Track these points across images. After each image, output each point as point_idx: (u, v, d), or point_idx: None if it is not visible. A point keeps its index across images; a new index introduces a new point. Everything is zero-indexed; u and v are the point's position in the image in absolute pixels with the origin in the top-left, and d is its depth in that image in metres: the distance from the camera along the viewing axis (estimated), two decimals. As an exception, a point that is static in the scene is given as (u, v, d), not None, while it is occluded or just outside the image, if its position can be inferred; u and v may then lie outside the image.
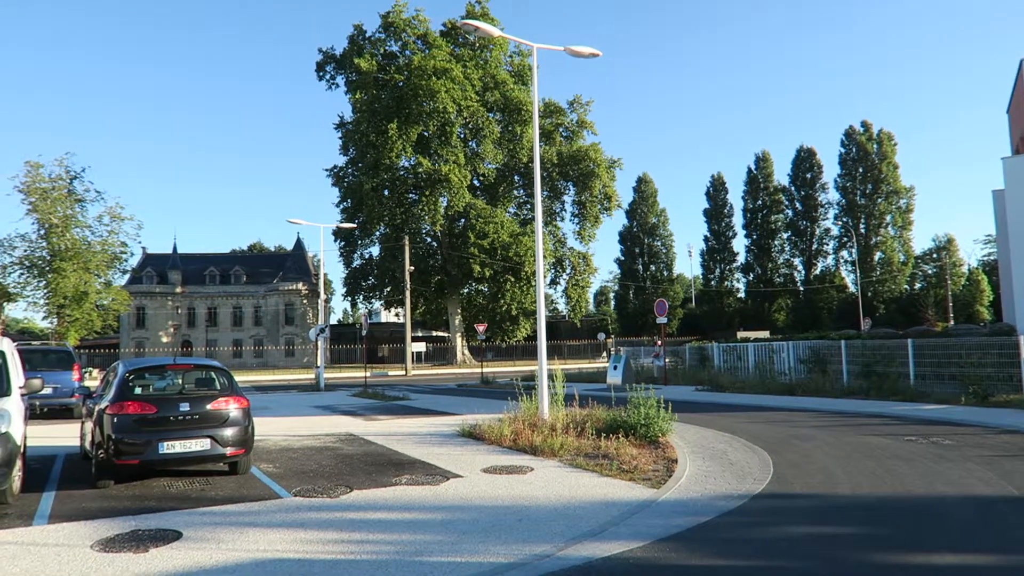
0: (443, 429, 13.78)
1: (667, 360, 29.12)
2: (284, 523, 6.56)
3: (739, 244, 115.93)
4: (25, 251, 50.23)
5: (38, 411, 17.17)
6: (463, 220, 58.19)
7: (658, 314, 26.20)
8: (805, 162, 71.79)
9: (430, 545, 5.75)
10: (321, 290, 38.88)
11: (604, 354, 62.06)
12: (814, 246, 71.75)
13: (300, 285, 75.46)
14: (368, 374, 33.33)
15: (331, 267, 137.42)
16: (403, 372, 47.13)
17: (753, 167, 74.78)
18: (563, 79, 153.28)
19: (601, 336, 63.40)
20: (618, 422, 11.29)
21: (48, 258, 49.80)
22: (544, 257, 53.82)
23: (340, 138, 60.95)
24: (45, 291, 50.31)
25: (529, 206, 65.01)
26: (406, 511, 7.03)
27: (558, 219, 64.18)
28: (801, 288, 71.28)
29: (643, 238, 77.90)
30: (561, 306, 68.57)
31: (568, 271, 62.74)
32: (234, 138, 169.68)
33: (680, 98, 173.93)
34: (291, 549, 5.68)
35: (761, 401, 18.64)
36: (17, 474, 7.61)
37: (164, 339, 72.99)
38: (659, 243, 78.32)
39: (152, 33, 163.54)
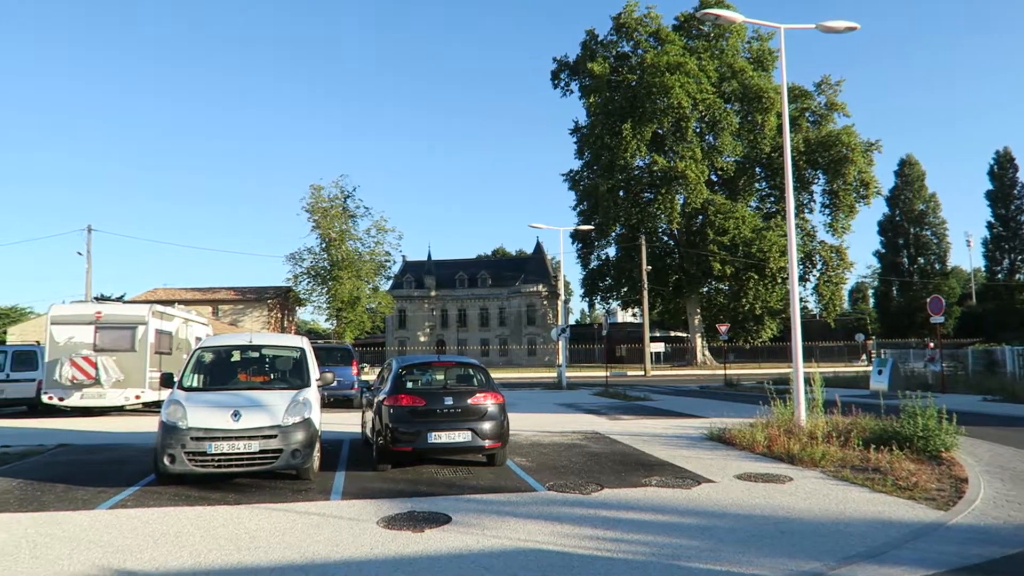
0: (689, 432, 13.44)
1: (944, 365, 25.66)
2: (541, 515, 6.82)
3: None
4: (311, 262, 58.32)
5: (326, 401, 19.70)
6: (701, 217, 56.37)
7: (932, 312, 23.21)
8: None
9: (687, 550, 5.61)
10: (561, 291, 40.08)
11: (863, 357, 56.39)
12: None
13: (540, 287, 78.44)
14: (608, 374, 33.63)
15: (569, 269, 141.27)
16: (642, 372, 46.87)
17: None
18: (808, 60, 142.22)
19: (859, 337, 57.63)
20: (889, 433, 10.16)
21: (328, 268, 57.27)
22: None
23: (575, 143, 62.34)
24: (327, 296, 57.90)
25: (773, 199, 61.18)
26: (659, 513, 6.94)
27: (806, 211, 59.64)
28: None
29: (908, 227, 69.51)
30: (811, 305, 63.65)
31: (819, 267, 57.95)
32: (476, 147, 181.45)
33: (951, 61, 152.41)
34: (549, 541, 5.89)
35: (1074, 415, 15.64)
36: (316, 455, 8.79)
37: (422, 339, 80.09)
38: (928, 232, 69.37)
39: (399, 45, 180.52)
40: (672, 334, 74.25)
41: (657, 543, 5.84)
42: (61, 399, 18.04)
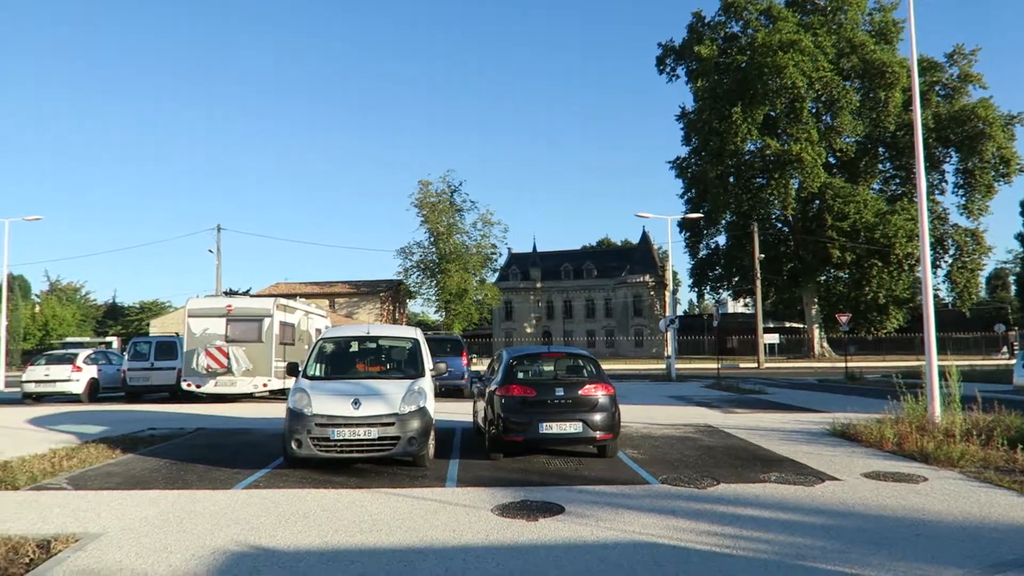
0: (808, 426, 12.85)
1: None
2: (655, 508, 6.72)
3: None
4: (420, 256, 60.04)
5: (437, 391, 20.24)
6: (818, 202, 53.55)
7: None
8: None
9: (812, 550, 5.36)
10: (668, 281, 39.26)
11: (1003, 349, 51.96)
12: None
13: (647, 277, 77.19)
14: (719, 365, 32.69)
15: (677, 258, 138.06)
16: (755, 364, 45.23)
17: None
18: (938, 30, 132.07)
19: (999, 328, 53.09)
20: (1039, 432, 9.32)
21: (437, 261, 58.78)
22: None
23: (682, 129, 60.75)
24: (435, 289, 59.46)
25: (898, 180, 57.30)
26: (780, 511, 6.68)
27: (936, 192, 55.48)
28: None
29: (1056, 207, 63.25)
30: (943, 293, 59.22)
31: (952, 252, 53.79)
32: (579, 138, 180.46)
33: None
34: (664, 535, 5.79)
35: None
36: (431, 443, 9.05)
37: (528, 330, 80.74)
38: (1082, 212, 62.90)
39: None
40: (787, 325, 71.15)
41: (779, 541, 5.62)
42: (198, 386, 19.48)
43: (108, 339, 42.62)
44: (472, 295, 60.04)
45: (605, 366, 10.97)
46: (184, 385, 19.79)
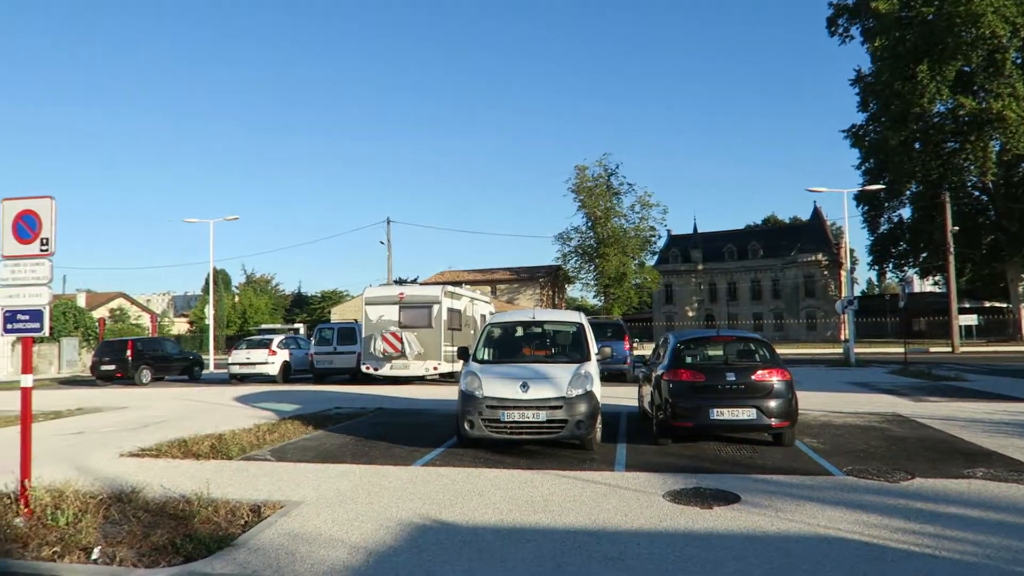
0: (1019, 418, 11.46)
1: None
2: (841, 502, 6.30)
3: None
4: (578, 241, 60.23)
5: (601, 375, 20.25)
6: (1024, 165, 47.30)
7: None
8: None
9: (1032, 556, 4.79)
10: (846, 259, 36.57)
11: None
12: None
13: (819, 256, 72.36)
14: (905, 350, 29.98)
15: (854, 235, 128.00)
16: (948, 349, 40.98)
17: None
18: None
19: None
20: None
21: (595, 246, 58.69)
22: None
23: (857, 94, 55.84)
24: (594, 273, 59.44)
25: None
26: (988, 510, 6.01)
27: None
28: None
29: None
30: None
31: None
32: (740, 112, 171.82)
33: None
34: (853, 530, 5.41)
35: None
36: (598, 427, 9.07)
37: (690, 313, 78.52)
38: None
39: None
40: (986, 304, 63.78)
41: (989, 544, 5.06)
42: (375, 369, 20.87)
43: (296, 326, 46.77)
44: (631, 279, 59.38)
45: (776, 350, 10.41)
46: (363, 368, 21.28)
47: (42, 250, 6.30)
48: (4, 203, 6.37)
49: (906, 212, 56.28)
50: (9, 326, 6.38)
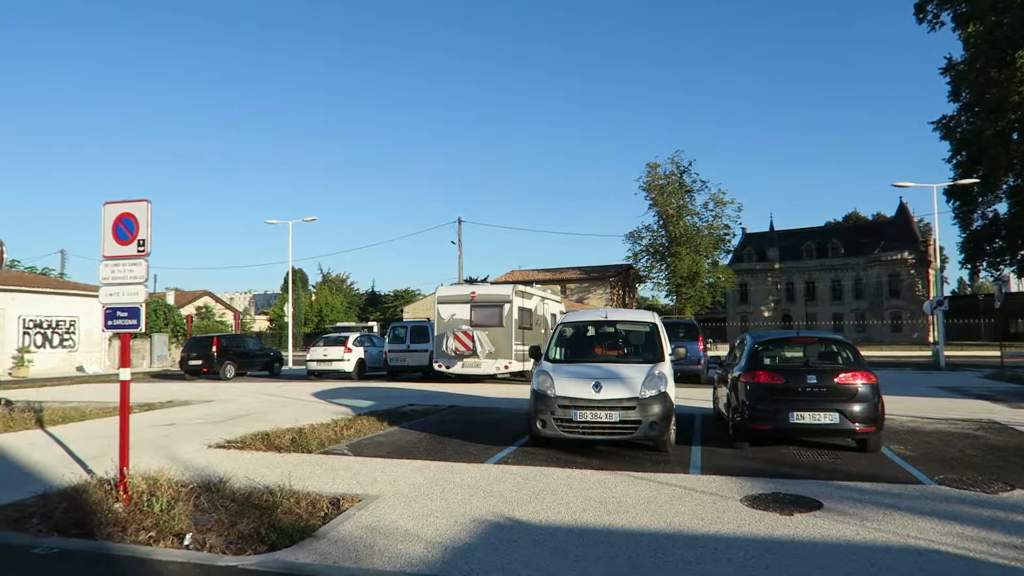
0: None
1: None
2: (932, 512, 6.00)
3: None
4: (649, 240, 59.39)
5: (674, 376, 19.92)
6: None
7: None
8: None
9: None
10: (935, 258, 34.79)
11: None
12: None
13: (905, 254, 69.17)
14: (1002, 353, 28.30)
15: (943, 232, 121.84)
16: (1049, 353, 38.50)
17: None
18: None
19: None
20: None
21: (667, 244, 57.75)
22: None
23: (948, 83, 52.90)
24: (666, 272, 58.50)
25: None
26: (1099, 526, 5.61)
27: None
28: None
29: None
30: None
31: None
32: (821, 106, 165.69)
33: None
34: (946, 542, 5.14)
35: None
36: (672, 428, 8.92)
37: (765, 313, 76.36)
38: None
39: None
40: (1093, 305, 59.54)
41: (1102, 562, 4.72)
42: (447, 367, 21.15)
43: (370, 324, 47.86)
44: (704, 278, 58.17)
45: (862, 352, 9.98)
46: (435, 366, 21.60)
47: (139, 251, 6.66)
48: (105, 207, 6.76)
49: (1002, 207, 53.09)
50: (109, 322, 6.77)
